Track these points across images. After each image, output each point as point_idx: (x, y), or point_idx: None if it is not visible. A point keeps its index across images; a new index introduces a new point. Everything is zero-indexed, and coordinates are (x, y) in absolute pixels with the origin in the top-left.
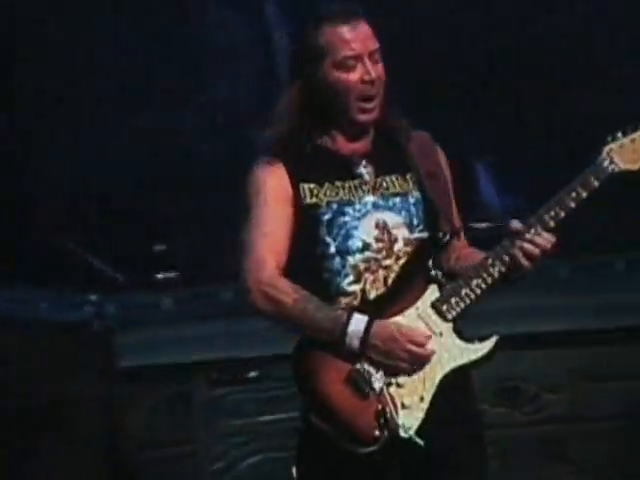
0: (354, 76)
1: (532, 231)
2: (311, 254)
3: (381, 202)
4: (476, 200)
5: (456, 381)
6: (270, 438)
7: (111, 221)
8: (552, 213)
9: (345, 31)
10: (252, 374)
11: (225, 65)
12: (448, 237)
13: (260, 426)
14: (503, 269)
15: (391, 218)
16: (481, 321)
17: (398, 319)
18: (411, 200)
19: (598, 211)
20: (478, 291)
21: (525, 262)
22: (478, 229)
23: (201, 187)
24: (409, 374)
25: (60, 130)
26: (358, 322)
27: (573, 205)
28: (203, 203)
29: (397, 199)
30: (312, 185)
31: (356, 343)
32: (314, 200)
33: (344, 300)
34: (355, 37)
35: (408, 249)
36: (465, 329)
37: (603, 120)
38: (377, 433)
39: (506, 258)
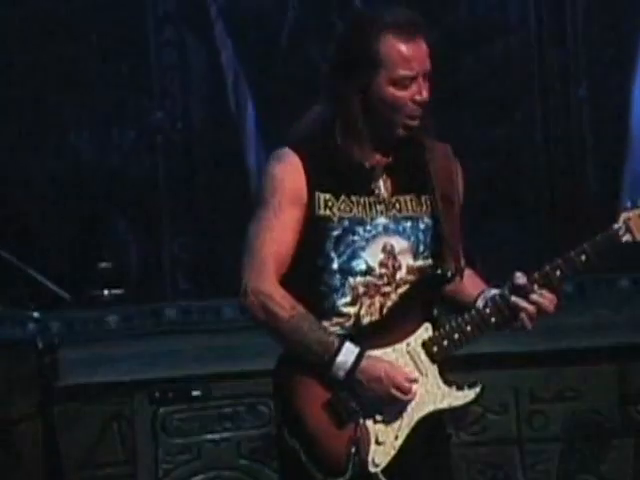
0: (407, 94)
1: (535, 287)
2: (313, 265)
3: (392, 225)
4: None
5: (431, 420)
6: (214, 457)
7: (57, 238)
8: (557, 273)
9: (407, 48)
10: (196, 392)
11: (174, 83)
12: (451, 274)
13: (204, 444)
14: (500, 321)
15: (399, 243)
16: None
17: (388, 351)
18: (421, 226)
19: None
20: (471, 337)
21: (528, 323)
22: None
23: (147, 205)
24: (387, 412)
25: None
26: (348, 353)
27: (581, 268)
28: (150, 221)
29: (408, 223)
30: (328, 196)
31: (341, 374)
32: (327, 213)
33: (337, 320)
34: (416, 56)
35: (410, 277)
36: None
37: None
38: (346, 463)
39: (506, 312)
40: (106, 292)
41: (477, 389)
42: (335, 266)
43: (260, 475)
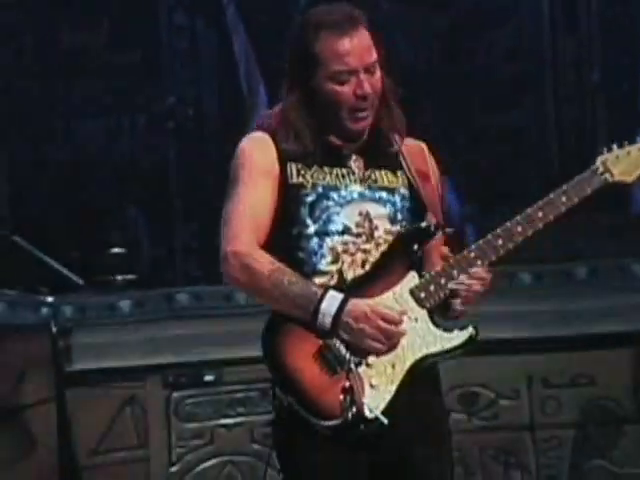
0: (347, 89)
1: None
2: (288, 233)
3: (367, 193)
4: None
5: (427, 372)
6: (226, 442)
7: (70, 224)
8: (540, 214)
9: (342, 44)
10: (208, 377)
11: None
12: (435, 229)
13: (216, 429)
14: (481, 263)
15: (375, 209)
16: None
17: (375, 300)
18: (398, 196)
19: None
20: (456, 279)
21: (459, 307)
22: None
23: (159, 190)
24: (379, 355)
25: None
26: (332, 300)
27: (563, 209)
28: (161, 206)
29: (384, 192)
30: (299, 165)
31: (328, 321)
32: (300, 180)
33: (319, 280)
34: (351, 51)
35: (389, 237)
36: None
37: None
38: (342, 410)
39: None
40: (119, 277)
41: (470, 330)
42: (311, 231)
43: (273, 460)
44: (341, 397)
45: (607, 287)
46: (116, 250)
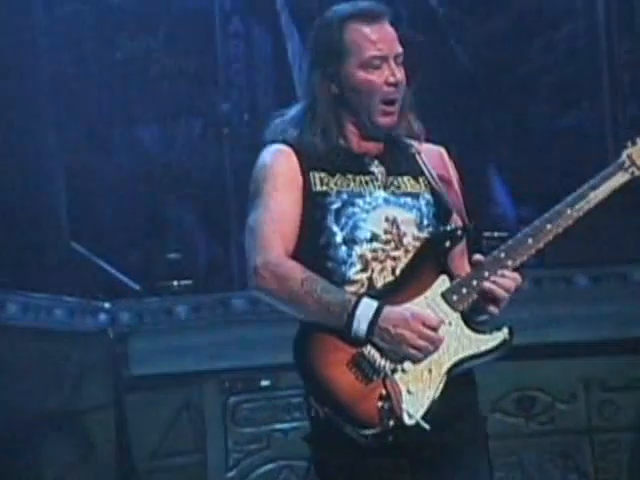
0: (379, 77)
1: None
2: (315, 243)
3: (392, 198)
4: (491, 210)
5: (463, 376)
6: (283, 446)
7: (127, 230)
8: (569, 211)
9: (372, 31)
10: (265, 382)
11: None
12: (460, 231)
13: (273, 434)
14: (512, 263)
15: (401, 214)
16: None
17: (407, 306)
18: (422, 201)
19: (617, 222)
20: (489, 281)
21: (492, 309)
22: (493, 239)
23: (214, 196)
24: (415, 361)
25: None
26: (367, 306)
27: (592, 204)
28: (217, 212)
29: (408, 198)
30: (322, 174)
31: (364, 327)
32: (324, 188)
33: (350, 288)
34: (382, 38)
35: (417, 244)
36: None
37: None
38: (380, 418)
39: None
40: (175, 283)
41: (505, 331)
42: (339, 239)
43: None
44: (379, 405)
45: None
46: (173, 255)
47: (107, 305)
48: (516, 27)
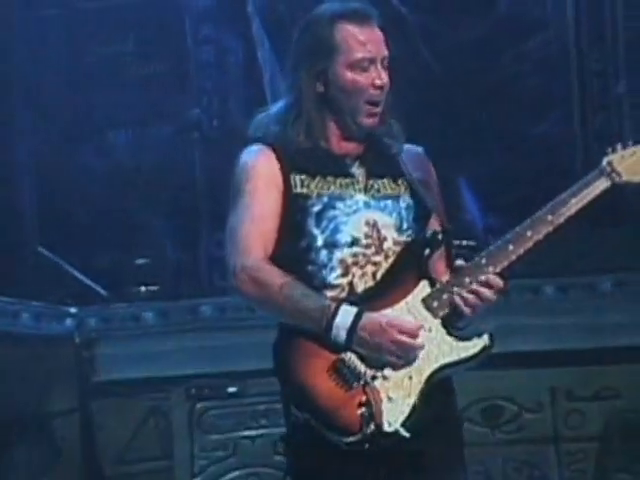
0: (366, 79)
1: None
2: (296, 246)
3: (372, 202)
4: (459, 217)
5: (443, 383)
6: (249, 453)
7: (95, 235)
8: (549, 217)
9: (362, 32)
10: (232, 389)
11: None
12: (441, 236)
13: (239, 441)
14: (493, 270)
15: (381, 218)
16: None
17: (387, 312)
18: (402, 204)
19: (585, 232)
20: (470, 290)
21: (467, 310)
22: (462, 247)
23: (184, 202)
24: (395, 367)
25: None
26: (346, 314)
27: (573, 211)
28: (186, 217)
29: (388, 201)
30: (303, 176)
31: (342, 335)
32: (304, 190)
33: (330, 293)
34: (371, 39)
35: (397, 249)
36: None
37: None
38: (361, 425)
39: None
40: (143, 288)
41: (485, 338)
42: (320, 242)
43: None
44: (359, 412)
45: (632, 300)
46: (141, 261)
47: (74, 310)
48: (487, 36)
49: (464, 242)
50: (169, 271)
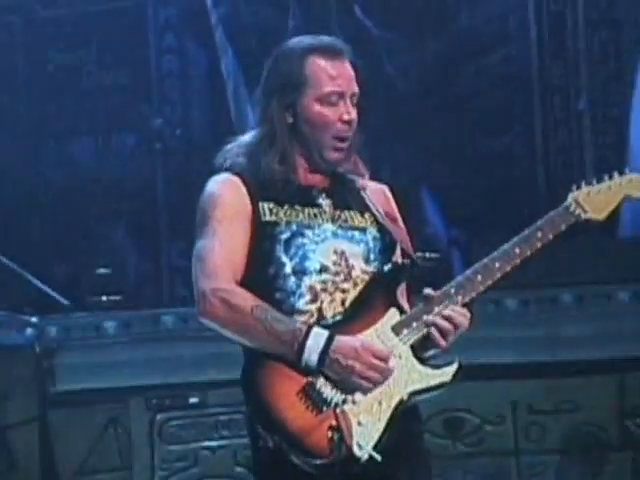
0: (334, 113)
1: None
2: (264, 273)
3: (340, 232)
4: (422, 230)
5: (409, 410)
6: (210, 464)
7: (56, 244)
8: (517, 250)
9: (332, 67)
10: (193, 399)
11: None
12: (409, 264)
13: (200, 452)
14: (462, 299)
15: (349, 247)
16: None
17: (357, 337)
18: (369, 235)
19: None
20: (438, 316)
21: (441, 340)
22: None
23: (146, 211)
24: (365, 392)
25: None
26: (317, 337)
27: (539, 245)
28: (148, 227)
29: (356, 232)
30: (271, 204)
31: (314, 358)
32: (273, 218)
33: (299, 319)
34: (341, 74)
35: (365, 277)
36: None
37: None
38: (331, 449)
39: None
40: (104, 298)
41: (454, 367)
42: (288, 269)
43: None
44: (329, 435)
45: (593, 313)
46: (102, 270)
47: (34, 319)
48: (449, 50)
49: (427, 254)
50: (130, 281)
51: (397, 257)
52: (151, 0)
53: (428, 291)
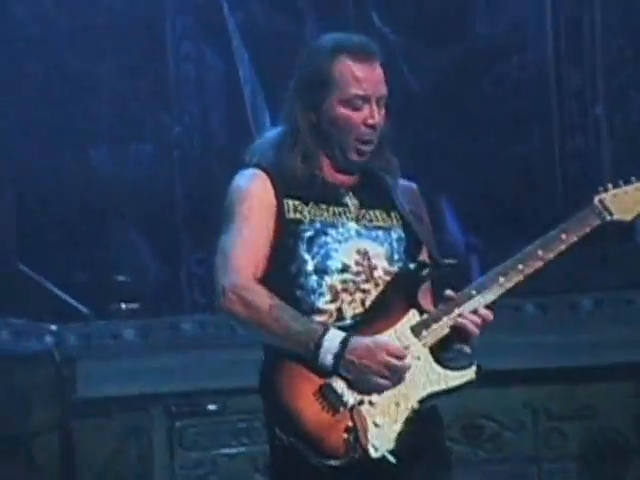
0: (358, 116)
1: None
2: (286, 270)
3: (364, 231)
4: (440, 237)
5: (430, 411)
6: (229, 471)
7: (75, 252)
8: (540, 252)
9: (360, 69)
10: (212, 407)
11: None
12: (431, 266)
13: (219, 459)
14: (483, 301)
15: (373, 247)
16: None
17: (376, 337)
18: (394, 235)
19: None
20: (458, 318)
21: (473, 328)
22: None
23: (165, 219)
24: (382, 392)
25: (16, 156)
26: (334, 338)
27: (562, 247)
28: (167, 235)
29: (380, 232)
30: (296, 202)
31: (329, 359)
32: (297, 216)
33: (318, 318)
34: (369, 77)
35: (387, 278)
36: None
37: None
38: (347, 450)
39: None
40: (123, 306)
41: (473, 369)
42: (310, 267)
43: None
44: (345, 436)
45: (612, 319)
46: (121, 278)
47: (54, 327)
48: (467, 57)
49: (445, 260)
50: (150, 288)
51: (423, 258)
52: (169, 8)
53: (449, 292)
